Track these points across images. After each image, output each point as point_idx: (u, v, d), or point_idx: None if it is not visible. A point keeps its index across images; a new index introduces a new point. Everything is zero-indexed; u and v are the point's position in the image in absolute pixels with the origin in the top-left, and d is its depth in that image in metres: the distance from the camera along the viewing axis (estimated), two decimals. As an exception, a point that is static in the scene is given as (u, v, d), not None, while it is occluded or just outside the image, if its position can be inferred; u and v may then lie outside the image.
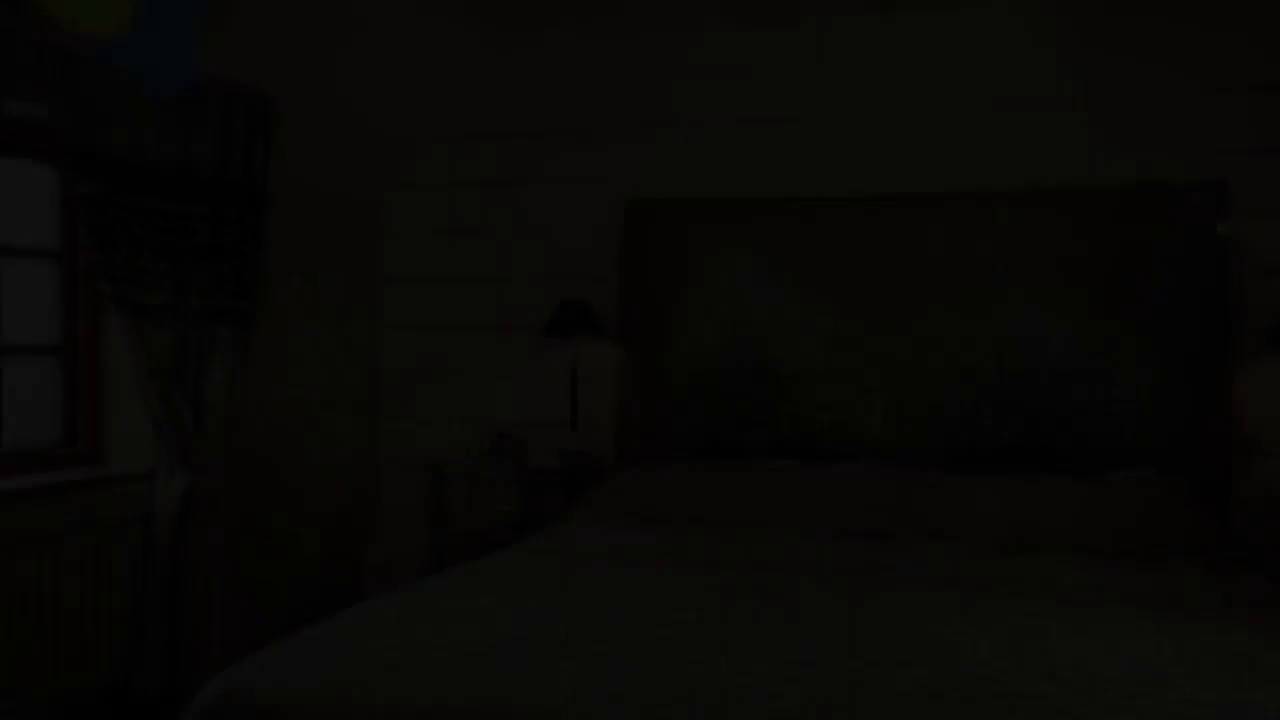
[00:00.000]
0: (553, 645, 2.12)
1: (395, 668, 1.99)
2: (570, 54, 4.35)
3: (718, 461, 3.81)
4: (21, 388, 3.31)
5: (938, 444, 3.72)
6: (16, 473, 3.12)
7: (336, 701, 1.87)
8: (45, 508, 3.01)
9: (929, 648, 2.11)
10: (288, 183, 3.91)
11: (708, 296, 4.00)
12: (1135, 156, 3.63)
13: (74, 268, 3.38)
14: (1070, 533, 3.08)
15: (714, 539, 3.21)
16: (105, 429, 3.46)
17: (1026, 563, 2.89)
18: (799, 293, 3.89)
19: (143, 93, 3.00)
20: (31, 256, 3.28)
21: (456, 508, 4.07)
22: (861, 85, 3.97)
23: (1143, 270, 3.56)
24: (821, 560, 2.94)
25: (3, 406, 3.17)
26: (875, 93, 3.95)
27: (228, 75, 3.30)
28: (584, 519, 3.53)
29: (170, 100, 3.12)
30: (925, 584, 2.68)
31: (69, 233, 3.35)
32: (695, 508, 3.50)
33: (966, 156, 3.82)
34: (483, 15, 3.98)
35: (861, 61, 3.97)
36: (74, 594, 3.07)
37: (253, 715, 1.90)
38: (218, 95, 3.26)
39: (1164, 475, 3.39)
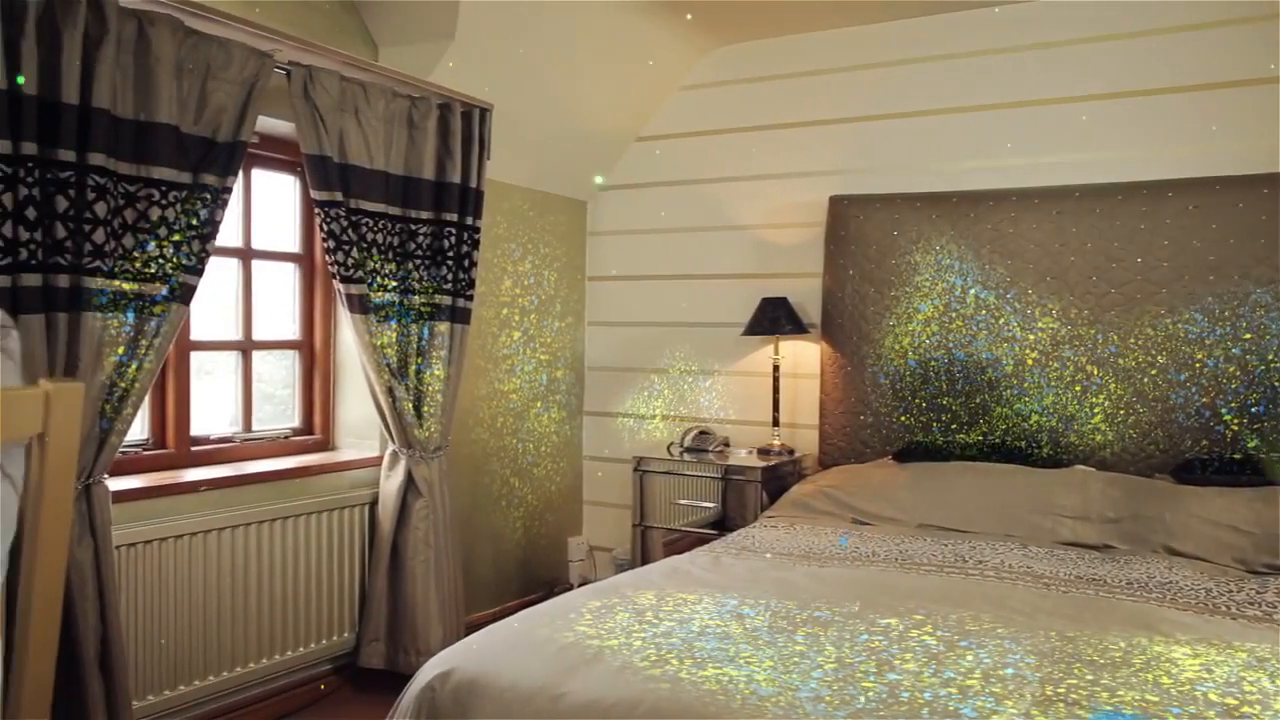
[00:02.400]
0: (754, 644, 2.12)
1: (599, 658, 2.04)
2: (773, 51, 4.32)
3: (926, 463, 3.68)
4: (269, 380, 3.62)
5: (1167, 452, 3.45)
6: (265, 456, 3.42)
7: (547, 687, 1.93)
8: (289, 489, 3.28)
9: (1158, 671, 1.96)
10: (500, 184, 4.10)
11: (915, 294, 3.87)
12: None
13: (311, 269, 3.67)
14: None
15: (921, 543, 3.11)
16: (335, 418, 3.73)
17: (1277, 584, 2.63)
18: (1014, 290, 3.70)
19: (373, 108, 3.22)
20: (278, 260, 3.59)
21: (656, 503, 4.13)
22: (1084, 66, 3.72)
23: None
24: (1038, 570, 2.79)
25: (253, 396, 3.48)
26: (1099, 73, 3.70)
27: (447, 85, 3.48)
28: (785, 518, 3.50)
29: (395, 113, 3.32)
30: (1155, 600, 2.49)
31: (307, 237, 3.64)
32: (901, 510, 3.40)
33: (1205, 140, 3.51)
34: (686, 21, 4.01)
35: (1089, 41, 3.72)
36: (312, 570, 3.33)
37: (468, 698, 1.99)
38: (439, 104, 3.45)
39: None
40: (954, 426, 3.78)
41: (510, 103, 3.80)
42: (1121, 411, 3.52)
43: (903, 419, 3.89)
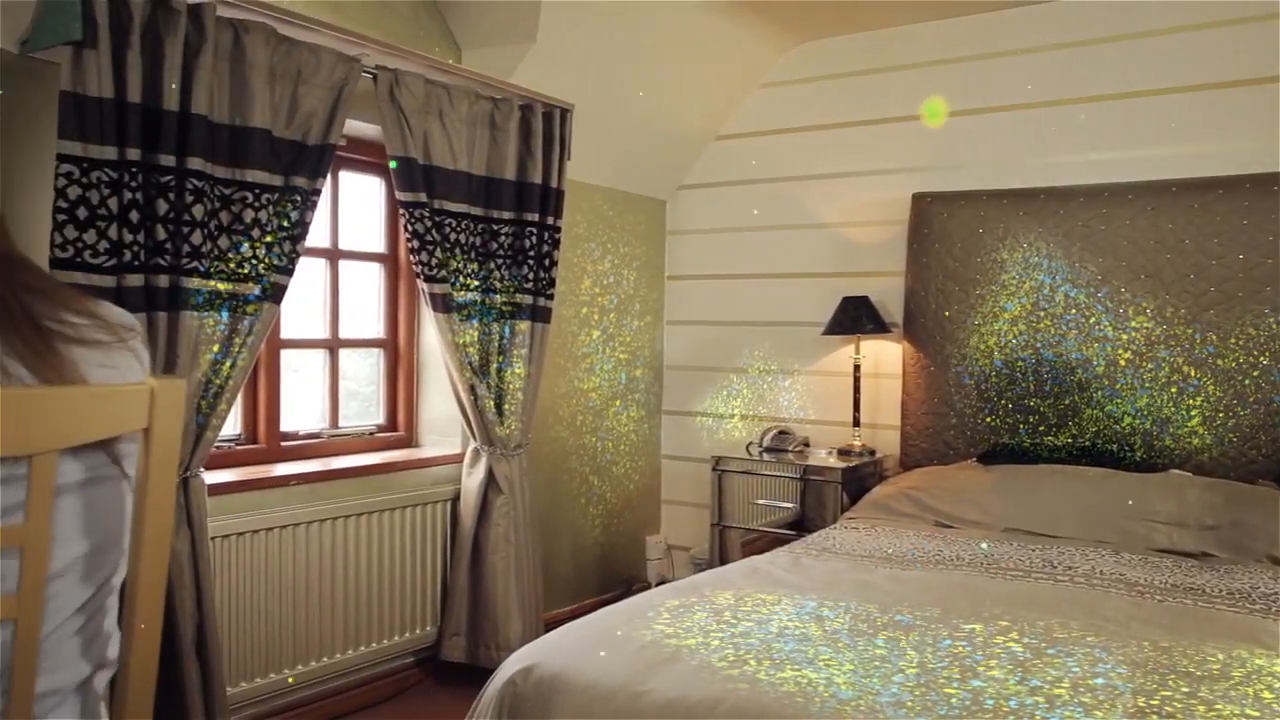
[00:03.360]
0: (833, 646, 2.09)
1: (677, 657, 2.04)
2: (855, 47, 4.27)
3: (1012, 466, 3.59)
4: (354, 377, 3.71)
5: (1270, 457, 3.31)
6: (350, 452, 3.51)
7: (628, 685, 1.94)
8: (374, 485, 3.35)
9: (1259, 685, 1.88)
10: (580, 184, 4.13)
11: (1002, 292, 3.78)
12: None
13: (395, 269, 3.75)
14: None
15: (1007, 547, 3.04)
16: (418, 415, 3.80)
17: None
18: (1106, 288, 3.59)
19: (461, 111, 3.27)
20: (363, 260, 3.67)
21: (734, 503, 4.11)
22: (1180, 57, 3.59)
23: None
24: (1132, 577, 2.70)
25: (339, 393, 3.57)
26: (1197, 64, 3.56)
27: (529, 86, 3.52)
28: (866, 519, 3.46)
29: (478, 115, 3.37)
30: (1259, 612, 2.40)
31: (391, 237, 3.72)
32: (986, 514, 3.33)
33: (1314, 131, 3.37)
34: (767, 18, 3.99)
35: (1185, 30, 3.59)
36: (395, 565, 3.40)
37: (549, 693, 2.01)
38: (521, 105, 3.49)
39: None
40: (1042, 428, 3.69)
41: (590, 103, 3.82)
42: (1221, 414, 3.39)
43: (988, 420, 3.80)
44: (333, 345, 3.54)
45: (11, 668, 1.05)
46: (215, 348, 2.65)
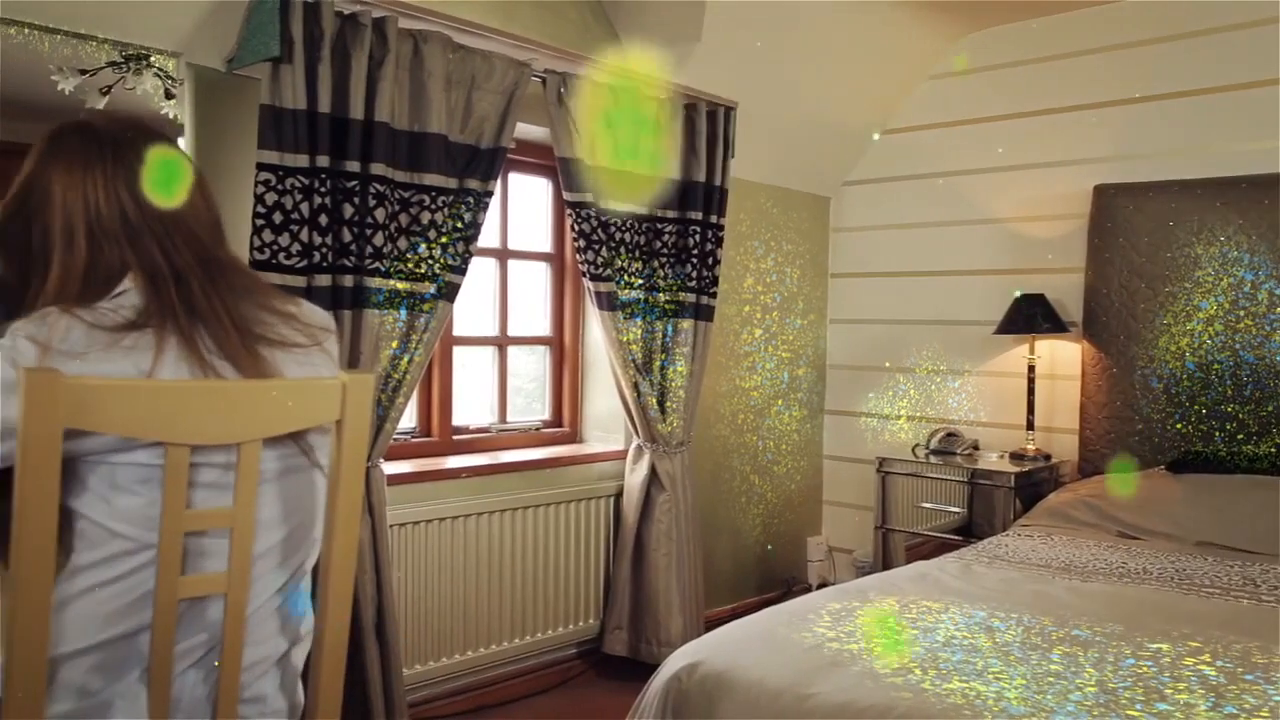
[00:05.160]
0: (1004, 659, 2.01)
1: (839, 662, 2.01)
2: (1030, 34, 4.08)
3: (1205, 475, 3.35)
4: (521, 374, 3.83)
5: None
6: (518, 446, 3.62)
7: (794, 687, 1.93)
8: (539, 479, 3.45)
9: None
10: (743, 181, 4.12)
11: (1195, 290, 3.54)
12: None
13: (561, 268, 3.84)
14: None
15: (1200, 562, 2.85)
16: (583, 411, 3.88)
17: None
18: (1315, 284, 3.31)
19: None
20: (531, 259, 3.77)
21: (898, 506, 4.01)
22: None
23: None
24: (1342, 601, 2.48)
25: (507, 389, 3.68)
26: None
27: (693, 84, 3.54)
28: (1041, 527, 3.31)
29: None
30: None
31: (558, 237, 3.81)
32: (1177, 525, 3.12)
33: None
34: (936, 8, 3.86)
35: None
36: (560, 557, 3.48)
37: (714, 690, 2.01)
38: (685, 104, 3.51)
39: None
40: (1240, 436, 3.43)
41: (754, 100, 3.80)
42: None
43: (1178, 426, 3.57)
44: (501, 342, 3.66)
45: (222, 639, 1.14)
46: (394, 344, 2.78)
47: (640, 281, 3.51)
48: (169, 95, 2.45)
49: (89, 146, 1.21)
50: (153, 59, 2.44)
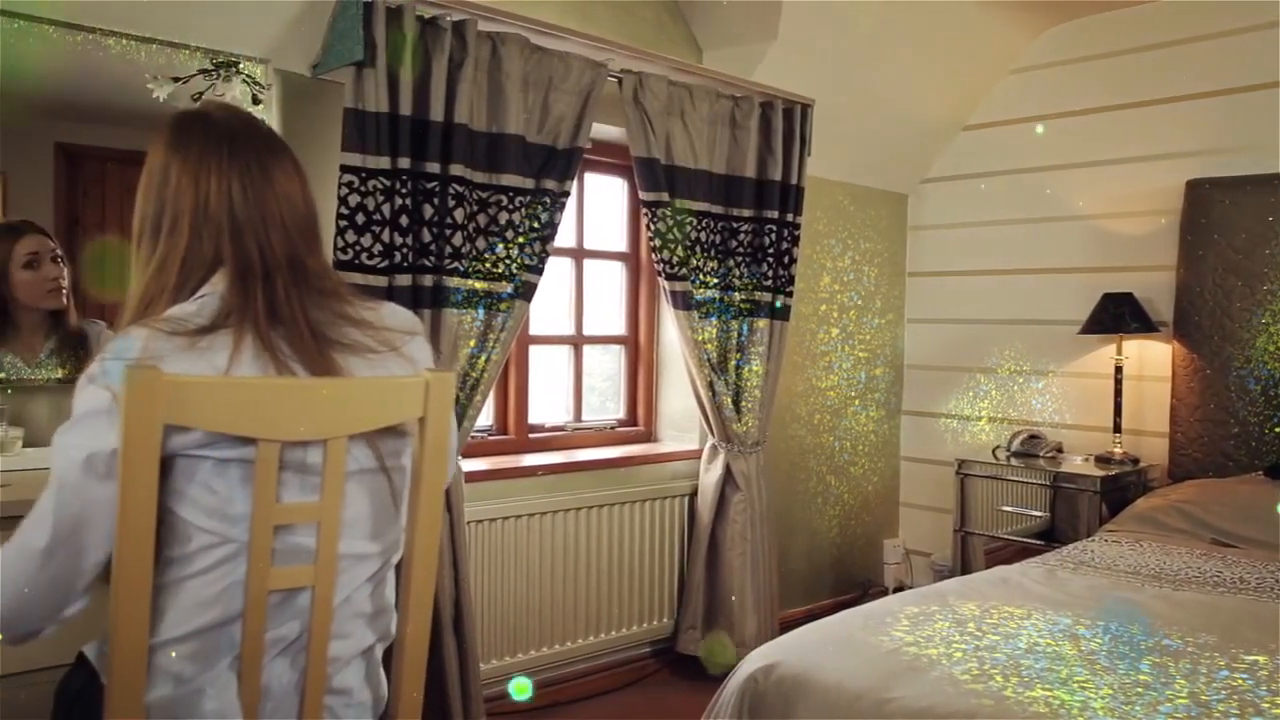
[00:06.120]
0: (1090, 668, 1.96)
1: (917, 666, 1.98)
2: (1116, 24, 3.96)
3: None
4: (596, 373, 3.84)
5: None
6: (593, 445, 3.64)
7: (873, 690, 1.90)
8: (614, 478, 3.46)
9: None
10: (819, 180, 4.07)
11: (1293, 288, 3.40)
12: None
13: (636, 267, 3.84)
14: None
15: (1297, 573, 2.73)
16: (658, 410, 3.88)
17: None
18: None
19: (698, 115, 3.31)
20: (607, 258, 3.79)
21: (978, 509, 3.93)
22: None
23: None
24: None
25: (582, 388, 3.71)
26: None
27: (769, 83, 3.51)
28: (1129, 533, 3.21)
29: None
30: None
31: (633, 236, 3.82)
32: (1275, 533, 3.00)
33: None
34: (1017, 2, 3.78)
35: None
36: (634, 556, 3.49)
37: (791, 692, 2.00)
38: (761, 103, 3.49)
39: None
40: (1343, 441, 3.28)
41: (830, 97, 3.76)
42: None
43: (1277, 430, 3.43)
44: (577, 342, 3.68)
45: (309, 630, 1.17)
46: (472, 343, 2.82)
47: (716, 280, 3.50)
48: (256, 100, 2.52)
49: (209, 137, 1.25)
50: (241, 65, 2.51)
